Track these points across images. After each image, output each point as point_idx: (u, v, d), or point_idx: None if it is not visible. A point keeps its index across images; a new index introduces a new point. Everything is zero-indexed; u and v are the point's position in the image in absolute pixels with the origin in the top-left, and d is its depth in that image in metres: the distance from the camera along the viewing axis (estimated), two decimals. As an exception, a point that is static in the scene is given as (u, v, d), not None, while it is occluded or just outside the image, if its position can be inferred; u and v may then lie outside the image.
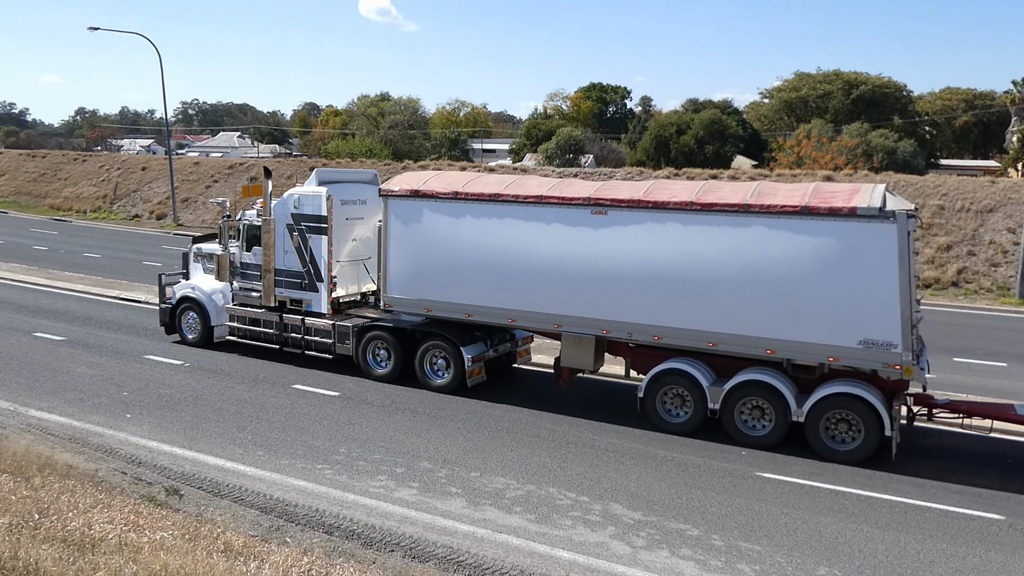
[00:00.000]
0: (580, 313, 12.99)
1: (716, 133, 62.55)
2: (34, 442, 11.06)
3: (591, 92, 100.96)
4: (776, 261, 11.54)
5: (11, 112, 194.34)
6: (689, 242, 12.10)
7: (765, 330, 11.73)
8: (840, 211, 11.08)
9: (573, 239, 12.87)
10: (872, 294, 11.02)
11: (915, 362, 11.07)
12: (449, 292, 13.96)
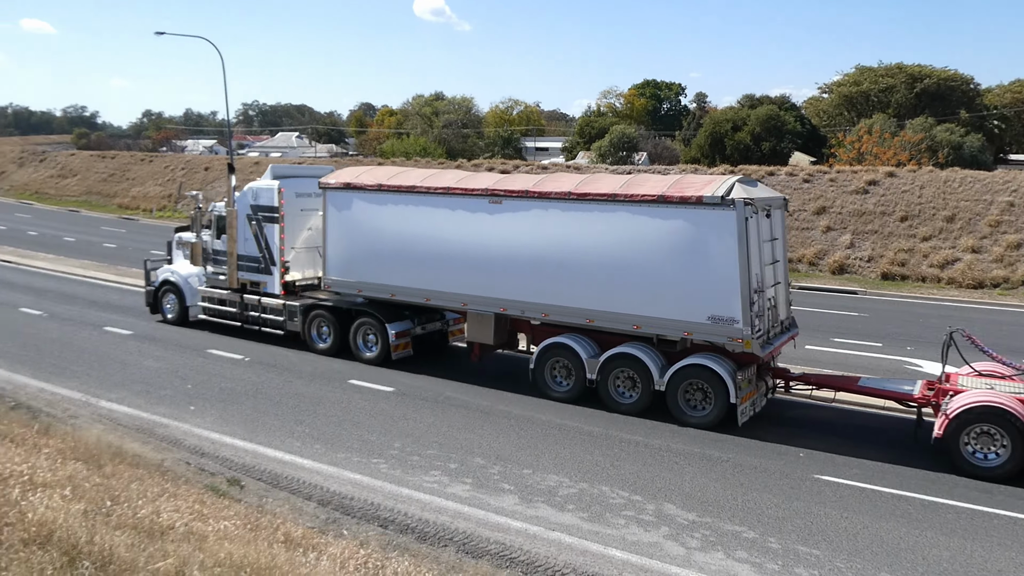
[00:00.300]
0: (481, 293, 14.40)
1: (773, 129, 61.35)
2: (104, 432, 11.50)
3: (645, 89, 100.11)
4: (638, 245, 12.86)
5: (83, 115, 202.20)
6: (568, 228, 13.46)
7: (632, 308, 13.03)
8: (689, 199, 12.36)
9: (474, 226, 14.31)
10: (717, 274, 12.21)
11: (760, 336, 12.36)
12: (376, 274, 15.57)
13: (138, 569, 4.52)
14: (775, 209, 13.62)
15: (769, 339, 12.85)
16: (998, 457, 10.52)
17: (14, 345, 17.11)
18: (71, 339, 17.77)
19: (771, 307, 13.01)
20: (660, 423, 12.65)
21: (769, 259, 12.98)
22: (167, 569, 4.59)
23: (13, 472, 6.66)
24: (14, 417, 11.35)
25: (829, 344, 18.16)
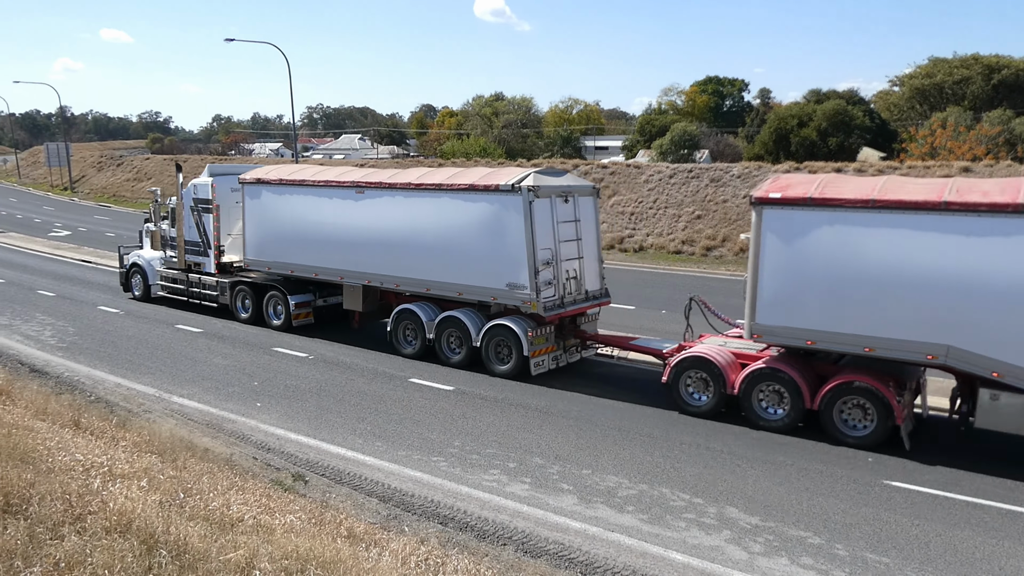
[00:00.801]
0: (352, 268, 17.29)
1: (840, 124, 59.64)
2: (176, 426, 11.94)
3: (707, 86, 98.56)
4: (458, 225, 15.46)
5: (157, 120, 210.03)
6: (411, 213, 16.16)
7: (456, 278, 15.66)
8: (491, 187, 14.92)
9: (346, 212, 17.22)
10: (510, 248, 14.70)
11: (550, 301, 14.77)
12: (280, 255, 18.61)
13: (211, 559, 4.69)
14: (580, 196, 15.92)
15: (562, 304, 15.16)
16: (708, 399, 13.05)
17: (93, 341, 17.90)
18: (145, 336, 18.49)
19: (571, 278, 15.48)
20: (721, 425, 12.46)
21: (570, 237, 15.41)
22: (238, 560, 4.75)
23: (94, 463, 6.98)
24: (93, 411, 11.88)
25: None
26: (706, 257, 31.78)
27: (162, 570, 4.37)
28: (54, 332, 18.86)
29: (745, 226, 32.58)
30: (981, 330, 10.66)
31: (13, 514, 4.64)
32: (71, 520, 4.78)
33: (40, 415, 9.71)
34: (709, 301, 15.07)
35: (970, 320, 10.70)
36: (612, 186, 37.86)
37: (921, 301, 11.02)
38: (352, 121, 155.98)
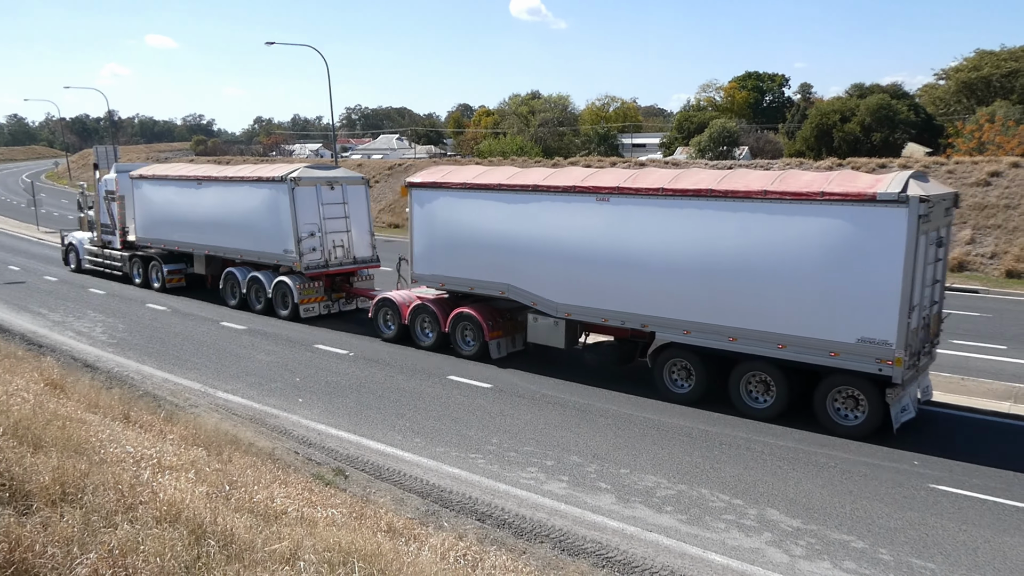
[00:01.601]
0: (198, 242, 22.80)
1: (884, 119, 58.42)
2: (221, 420, 12.19)
3: (746, 81, 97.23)
4: (253, 207, 20.64)
5: (200, 123, 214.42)
6: (226, 199, 21.48)
7: (254, 247, 20.82)
8: (269, 179, 20.12)
9: (193, 200, 22.54)
10: (283, 224, 19.68)
11: (314, 261, 19.79)
12: (160, 233, 24.06)
13: (256, 549, 4.80)
14: (349, 184, 20.65)
15: (327, 265, 20.08)
16: (393, 329, 17.95)
17: (142, 338, 18.36)
18: (191, 333, 18.90)
19: (338, 246, 20.20)
20: (763, 425, 12.31)
21: (337, 215, 20.21)
22: (282, 551, 4.85)
23: (144, 455, 7.17)
24: (142, 405, 12.19)
25: (949, 346, 17.13)
26: (746, 256, 31.38)
27: (210, 559, 4.48)
28: (104, 329, 19.39)
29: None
30: (524, 275, 15.21)
31: (69, 503, 4.81)
32: (123, 509, 4.94)
33: (92, 408, 10.00)
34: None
35: (519, 268, 15.23)
36: (650, 184, 37.59)
37: (493, 255, 15.60)
38: (390, 121, 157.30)
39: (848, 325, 11.43)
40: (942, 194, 11.92)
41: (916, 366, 11.80)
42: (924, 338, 12.02)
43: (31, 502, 4.75)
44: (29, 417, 6.83)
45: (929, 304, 12.02)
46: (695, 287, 12.89)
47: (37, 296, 23.84)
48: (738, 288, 12.41)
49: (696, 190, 12.82)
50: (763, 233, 12.12)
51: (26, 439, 6.02)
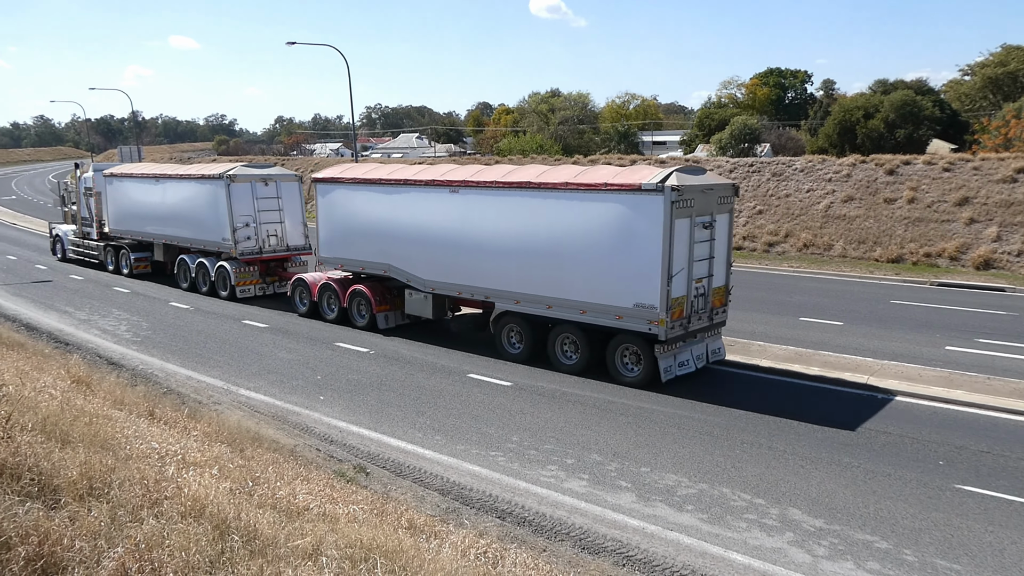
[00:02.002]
0: (157, 232, 25.95)
1: (908, 116, 57.59)
2: (243, 418, 12.31)
3: (768, 78, 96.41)
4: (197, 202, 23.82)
5: (222, 123, 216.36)
6: (174, 196, 24.78)
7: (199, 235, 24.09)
8: (208, 176, 23.31)
9: (152, 196, 25.82)
10: (221, 215, 22.78)
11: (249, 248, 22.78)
12: (127, 224, 27.42)
13: (279, 545, 4.84)
14: (283, 181, 23.48)
15: (261, 252, 22.96)
16: (307, 305, 20.53)
17: (165, 336, 18.58)
18: (214, 331, 19.09)
19: (271, 235, 23.11)
20: (785, 424, 12.21)
21: (271, 208, 23.09)
22: (305, 547, 4.89)
23: (169, 451, 7.26)
24: (166, 402, 12.35)
25: (973, 345, 16.92)
26: (768, 253, 31.16)
27: (234, 554, 4.53)
28: (129, 327, 19.64)
29: (809, 220, 31.81)
30: (400, 256, 17.75)
31: (96, 497, 4.88)
32: (149, 504, 5.00)
33: (118, 405, 10.14)
34: (766, 297, 14.90)
35: (396, 251, 17.82)
36: (671, 182, 37.41)
37: (377, 240, 18.21)
38: (410, 120, 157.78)
39: (627, 293, 13.86)
40: (708, 185, 14.17)
41: (687, 328, 14.09)
42: (703, 306, 14.41)
43: (59, 496, 4.83)
44: (57, 413, 6.94)
45: (707, 277, 14.35)
46: (520, 264, 15.41)
47: (63, 294, 24.20)
48: (550, 264, 14.90)
49: (519, 182, 15.34)
50: (566, 218, 14.59)
51: (54, 435, 6.11)
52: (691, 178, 14.06)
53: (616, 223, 13.87)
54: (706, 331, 14.87)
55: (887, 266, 28.20)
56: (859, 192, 32.01)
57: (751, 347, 16.45)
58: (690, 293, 13.95)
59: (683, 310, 13.89)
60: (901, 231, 29.60)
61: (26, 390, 7.88)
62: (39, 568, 3.79)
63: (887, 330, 18.43)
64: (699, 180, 14.21)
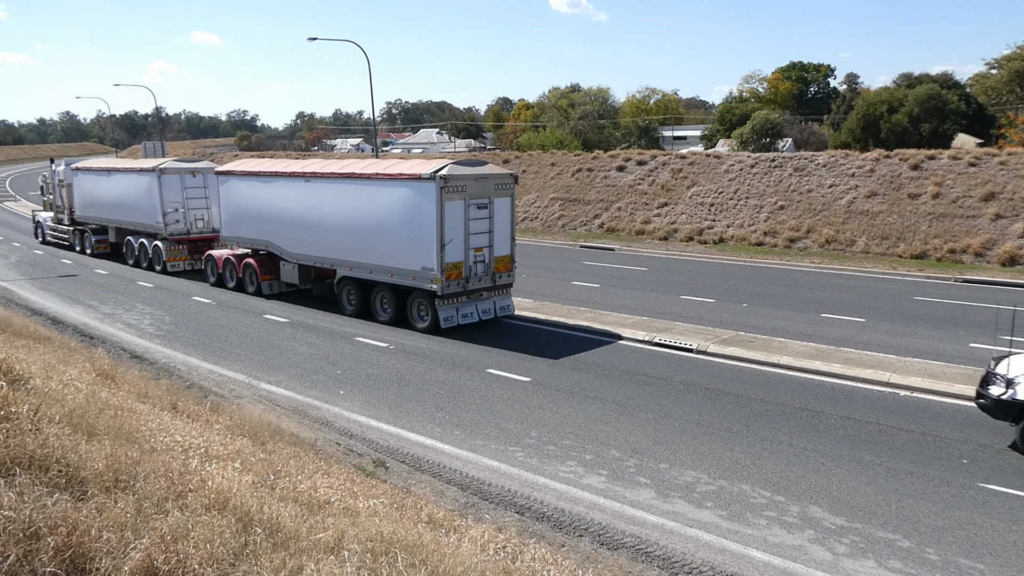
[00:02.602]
0: (112, 217, 30.47)
1: (933, 110, 56.80)
2: (264, 411, 12.42)
3: (790, 72, 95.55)
4: (134, 189, 28.36)
5: (244, 118, 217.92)
6: (119, 185, 29.25)
7: (138, 219, 28.55)
8: (145, 170, 27.83)
9: (106, 187, 30.19)
10: (154, 201, 27.08)
11: (174, 229, 27.20)
12: (89, 211, 31.97)
13: (301, 538, 4.89)
14: (207, 174, 27.16)
15: (188, 233, 27.34)
16: (215, 277, 24.58)
17: (188, 330, 18.79)
18: (235, 326, 19.28)
19: (198, 219, 27.50)
20: (807, 422, 12.14)
21: (198, 196, 27.37)
22: (327, 540, 4.94)
23: (192, 444, 7.36)
24: (189, 395, 12.49)
25: (998, 342, 16.67)
26: (789, 249, 30.90)
27: (257, 547, 4.59)
28: (152, 321, 19.88)
29: (831, 216, 31.49)
30: (274, 234, 21.96)
31: (122, 489, 4.96)
32: (174, 497, 5.08)
33: (141, 398, 10.28)
34: (787, 293, 14.80)
35: (272, 230, 21.98)
36: (691, 177, 37.20)
37: (259, 221, 22.48)
38: (430, 115, 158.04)
39: (416, 259, 17.77)
40: (482, 174, 18.10)
41: (465, 288, 18.02)
42: (484, 271, 18.30)
43: (86, 488, 4.92)
44: (83, 406, 7.05)
45: (487, 247, 18.19)
46: (350, 238, 19.41)
47: (88, 289, 24.54)
48: (369, 237, 18.84)
49: (348, 173, 19.58)
50: (378, 200, 18.62)
51: (80, 427, 6.22)
52: (464, 169, 17.97)
53: (408, 204, 17.88)
54: (490, 291, 18.73)
55: (910, 262, 27.87)
56: (883, 187, 31.64)
57: (772, 343, 16.35)
58: (468, 259, 17.82)
59: (461, 272, 17.79)
60: (925, 227, 29.23)
61: (53, 383, 8.00)
62: (68, 558, 3.87)
63: (910, 327, 18.23)
64: (473, 170, 18.07)
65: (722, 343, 16.37)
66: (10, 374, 6.99)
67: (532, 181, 42.86)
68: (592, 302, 21.09)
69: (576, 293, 22.67)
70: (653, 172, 38.88)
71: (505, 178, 18.60)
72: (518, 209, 41.05)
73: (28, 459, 4.94)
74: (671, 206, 36.15)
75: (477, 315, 18.59)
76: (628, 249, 32.88)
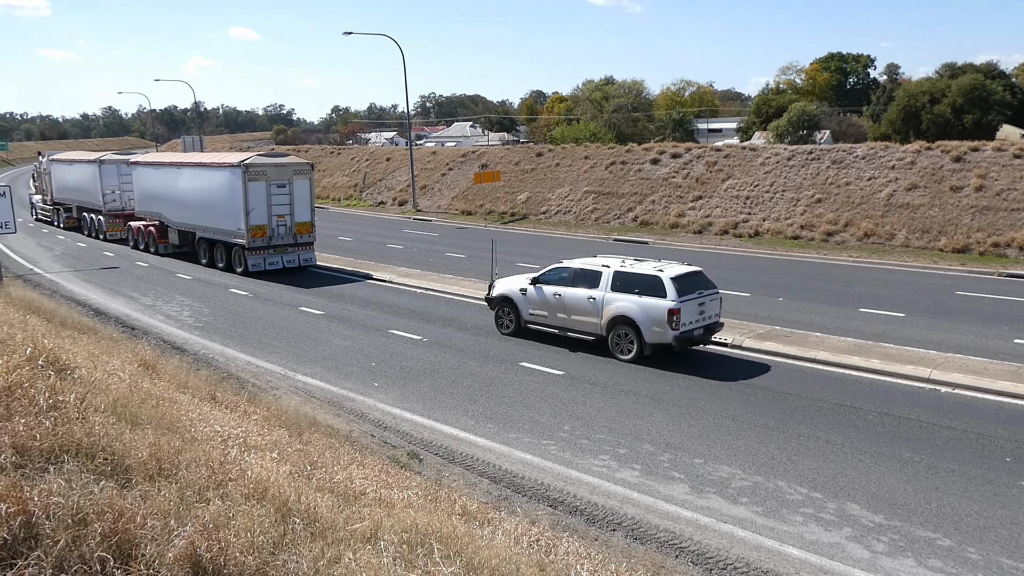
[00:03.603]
0: (74, 198, 38.52)
1: (977, 100, 55.44)
2: (301, 403, 12.59)
3: (829, 63, 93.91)
4: (85, 176, 36.45)
5: (280, 112, 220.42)
6: (79, 173, 37.19)
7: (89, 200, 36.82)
8: (91, 161, 36.31)
9: (70, 174, 38.30)
10: (99, 187, 35.14)
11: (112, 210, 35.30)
12: (60, 195, 39.73)
13: (338, 528, 4.97)
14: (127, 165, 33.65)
15: (123, 209, 34.18)
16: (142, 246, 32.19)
17: (225, 322, 19.11)
18: (271, 318, 19.56)
19: (131, 200, 32.92)
20: (844, 419, 11.96)
21: (131, 182, 33.06)
22: (363, 530, 5.00)
23: (231, 434, 7.50)
24: (227, 386, 12.71)
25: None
26: (827, 243, 30.40)
27: (296, 536, 4.67)
28: (191, 312, 20.26)
29: (870, 209, 30.91)
30: (163, 208, 29.74)
31: (165, 477, 5.08)
32: (214, 486, 5.18)
33: (182, 388, 10.49)
34: (824, 287, 14.54)
35: (162, 206, 29.79)
36: (726, 169, 36.78)
37: (154, 200, 30.43)
38: (463, 109, 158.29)
39: (234, 223, 25.28)
40: (281, 163, 25.86)
41: (270, 243, 25.42)
42: (287, 233, 25.71)
43: (130, 476, 5.04)
44: (126, 395, 7.21)
45: (288, 215, 25.59)
46: (201, 210, 27.00)
47: (129, 281, 25.08)
48: (211, 209, 26.40)
49: (198, 162, 27.83)
50: (214, 181, 26.11)
51: (124, 416, 6.36)
52: (266, 159, 25.99)
53: (227, 184, 25.41)
54: (293, 247, 26.12)
55: (952, 256, 27.25)
56: (923, 180, 30.97)
57: (808, 338, 16.13)
58: (271, 224, 25.27)
59: (265, 232, 25.22)
60: (968, 220, 28.55)
61: (97, 372, 8.20)
62: (114, 544, 3.98)
63: (952, 322, 17.85)
64: (273, 160, 26.08)
65: (758, 337, 16.20)
66: (57, 363, 7.18)
67: (565, 175, 42.73)
68: (625, 296, 20.99)
69: (609, 287, 22.57)
70: (688, 165, 38.51)
71: (303, 166, 26.47)
72: (562, 202, 40.86)
73: (75, 447, 5.08)
74: (706, 199, 35.79)
75: (282, 264, 26.01)
76: (662, 243, 32.62)
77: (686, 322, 14.46)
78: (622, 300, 14.96)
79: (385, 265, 26.74)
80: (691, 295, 14.58)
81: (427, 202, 47.88)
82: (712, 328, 15.25)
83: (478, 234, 36.69)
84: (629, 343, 15.08)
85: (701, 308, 14.84)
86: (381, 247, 32.06)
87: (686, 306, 14.39)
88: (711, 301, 15.14)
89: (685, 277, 14.78)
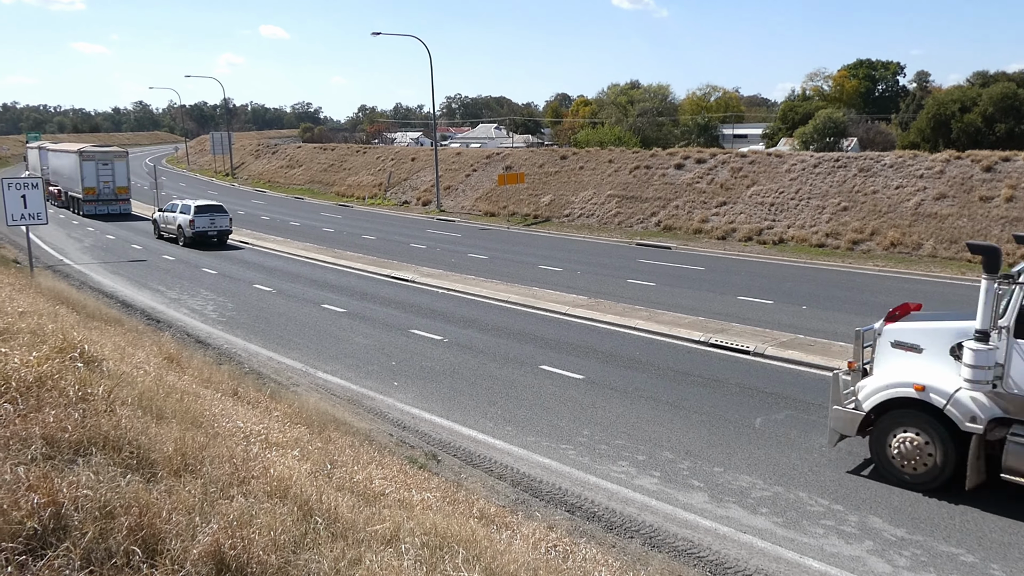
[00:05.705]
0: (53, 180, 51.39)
1: (1010, 109, 54.55)
2: (321, 400, 12.67)
3: (857, 70, 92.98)
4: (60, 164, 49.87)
5: (308, 111, 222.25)
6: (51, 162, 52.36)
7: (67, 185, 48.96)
8: (69, 152, 47.68)
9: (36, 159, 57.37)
10: (79, 176, 44.89)
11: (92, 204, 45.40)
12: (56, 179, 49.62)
13: (359, 529, 5.00)
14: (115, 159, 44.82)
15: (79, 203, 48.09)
16: None
17: (249, 317, 19.30)
18: (294, 314, 19.72)
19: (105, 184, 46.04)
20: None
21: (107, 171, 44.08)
22: (384, 531, 5.03)
23: (253, 431, 7.57)
24: (249, 382, 12.83)
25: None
26: (852, 251, 30.08)
27: (317, 535, 4.70)
28: (215, 307, 20.48)
29: (897, 218, 30.54)
30: (70, 184, 47.17)
31: (190, 472, 5.14)
32: (237, 482, 5.24)
33: (205, 383, 10.60)
34: (849, 296, 14.34)
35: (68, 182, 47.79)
36: (751, 176, 36.52)
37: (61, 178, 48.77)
38: (488, 110, 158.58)
39: (80, 185, 43.40)
40: (106, 151, 45.90)
41: (98, 198, 43.46)
42: (110, 192, 43.57)
43: (156, 470, 5.11)
44: (152, 389, 7.31)
45: (111, 182, 43.59)
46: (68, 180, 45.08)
47: (156, 274, 25.41)
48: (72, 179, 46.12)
49: (64, 149, 47.29)
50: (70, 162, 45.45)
51: (150, 410, 6.45)
52: (96, 149, 45.31)
53: (74, 163, 42.80)
54: (115, 202, 43.45)
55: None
56: (952, 189, 30.54)
57: (832, 347, 15.96)
58: (99, 186, 42.74)
59: (95, 191, 42.73)
60: (998, 231, 28.09)
61: (124, 365, 8.32)
62: (140, 538, 4.03)
63: (980, 336, 17.54)
64: (100, 149, 45.82)
65: (780, 346, 16.06)
66: (85, 355, 7.28)
67: (589, 178, 42.65)
68: (647, 301, 20.92)
69: (631, 291, 22.51)
70: (712, 171, 38.29)
71: (120, 153, 45.49)
72: (585, 205, 40.80)
73: (103, 440, 5.15)
74: (730, 205, 35.55)
75: (107, 211, 43.01)
76: (685, 248, 32.46)
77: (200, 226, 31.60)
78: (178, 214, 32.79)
79: (408, 264, 26.87)
80: (205, 215, 32.10)
81: (451, 203, 48.01)
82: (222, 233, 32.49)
83: (501, 236, 36.74)
84: None
85: (212, 221, 32.00)
86: (404, 246, 32.18)
87: (199, 218, 31.75)
88: (220, 218, 32.35)
89: (205, 207, 33.09)
